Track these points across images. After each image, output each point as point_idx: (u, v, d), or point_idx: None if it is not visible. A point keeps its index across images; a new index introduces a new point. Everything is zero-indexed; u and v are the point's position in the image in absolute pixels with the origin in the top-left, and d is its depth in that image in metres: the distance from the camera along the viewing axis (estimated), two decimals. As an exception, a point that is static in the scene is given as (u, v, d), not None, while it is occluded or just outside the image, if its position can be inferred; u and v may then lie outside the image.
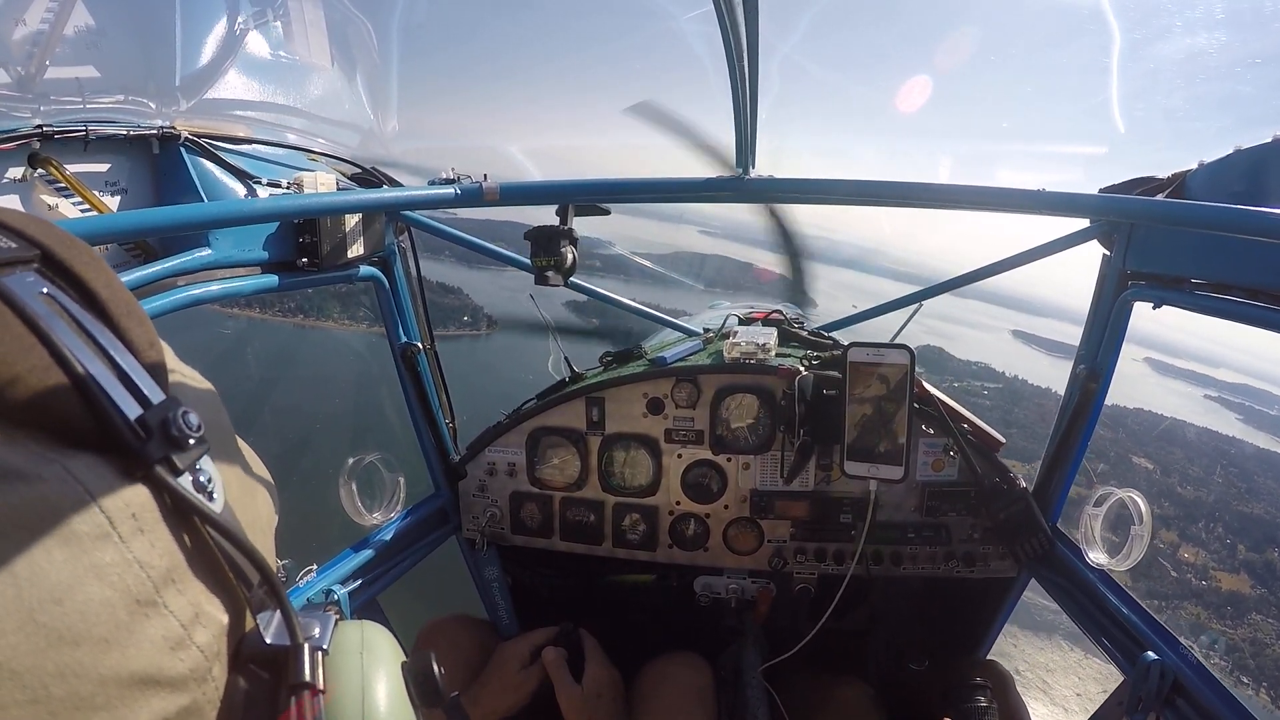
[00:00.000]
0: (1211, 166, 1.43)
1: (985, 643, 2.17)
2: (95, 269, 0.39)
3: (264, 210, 1.32)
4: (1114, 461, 39.18)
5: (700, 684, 1.76)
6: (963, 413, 1.92)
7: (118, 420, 0.34)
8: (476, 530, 2.15)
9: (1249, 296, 1.30)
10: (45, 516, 0.30)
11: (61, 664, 0.29)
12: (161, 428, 0.36)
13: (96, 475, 0.33)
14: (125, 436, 0.35)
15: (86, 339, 0.36)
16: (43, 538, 0.30)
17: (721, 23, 1.33)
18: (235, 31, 1.47)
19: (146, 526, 0.35)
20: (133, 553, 0.33)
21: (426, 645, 1.93)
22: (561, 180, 1.66)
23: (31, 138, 1.13)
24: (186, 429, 0.37)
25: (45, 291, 0.36)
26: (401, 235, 1.94)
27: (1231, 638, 30.35)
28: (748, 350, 1.96)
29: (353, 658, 0.52)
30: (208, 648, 0.38)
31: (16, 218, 0.38)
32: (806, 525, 2.00)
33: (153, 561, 0.34)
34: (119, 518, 0.33)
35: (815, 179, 1.51)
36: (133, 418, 0.35)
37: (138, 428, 0.35)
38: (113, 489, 0.33)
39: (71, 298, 0.37)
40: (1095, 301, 1.76)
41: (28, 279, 0.35)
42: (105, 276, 0.40)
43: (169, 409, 0.37)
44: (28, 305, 0.33)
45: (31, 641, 0.28)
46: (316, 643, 0.45)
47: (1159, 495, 37.49)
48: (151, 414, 0.36)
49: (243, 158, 1.48)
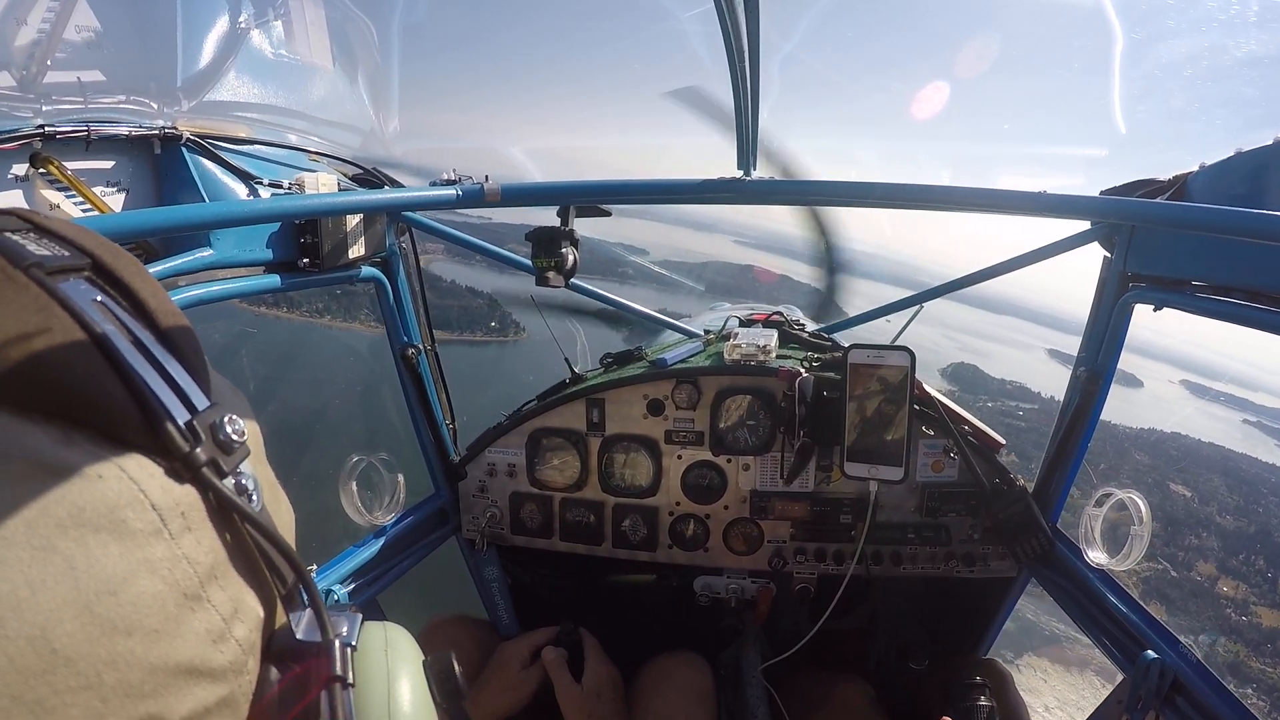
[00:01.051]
0: (1212, 169, 1.43)
1: (985, 642, 2.18)
2: (142, 278, 0.41)
3: (265, 211, 1.32)
4: (1149, 489, 37.12)
5: (701, 683, 1.77)
6: (962, 414, 1.92)
7: (169, 425, 0.36)
8: (476, 531, 2.15)
9: (1250, 299, 1.30)
10: (103, 513, 0.32)
11: (114, 652, 0.31)
12: (209, 432, 0.38)
13: (149, 475, 0.35)
14: (176, 440, 0.36)
15: (139, 346, 0.37)
16: (100, 533, 0.32)
17: (722, 23, 1.33)
18: (237, 31, 1.48)
19: (194, 525, 0.36)
20: (181, 549, 0.35)
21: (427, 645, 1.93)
22: (562, 181, 1.66)
23: (33, 137, 1.13)
24: (233, 434, 0.39)
25: (99, 299, 0.37)
26: (402, 236, 1.94)
27: (1271, 677, 28.65)
28: (748, 352, 1.96)
29: (378, 655, 0.54)
30: (245, 640, 0.39)
31: (66, 226, 0.40)
32: (806, 526, 2.01)
33: (199, 558, 0.36)
34: (170, 516, 0.35)
35: (815, 180, 1.52)
36: (183, 423, 0.37)
37: (188, 432, 0.37)
38: (164, 489, 0.35)
39: (122, 306, 0.39)
40: (1096, 303, 1.77)
41: (81, 287, 0.37)
42: (151, 286, 0.41)
43: (215, 415, 0.39)
44: (86, 312, 0.35)
45: (87, 630, 0.30)
46: (346, 639, 0.46)
47: (1196, 525, 35.36)
48: (200, 419, 0.38)
49: (244, 158, 1.49)
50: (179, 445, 0.36)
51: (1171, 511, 35.20)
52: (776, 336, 2.06)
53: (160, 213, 1.12)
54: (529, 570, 2.34)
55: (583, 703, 1.65)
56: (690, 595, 2.15)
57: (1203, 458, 44.16)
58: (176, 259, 1.28)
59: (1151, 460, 41.68)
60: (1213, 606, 31.02)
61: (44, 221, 0.39)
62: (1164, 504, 35.51)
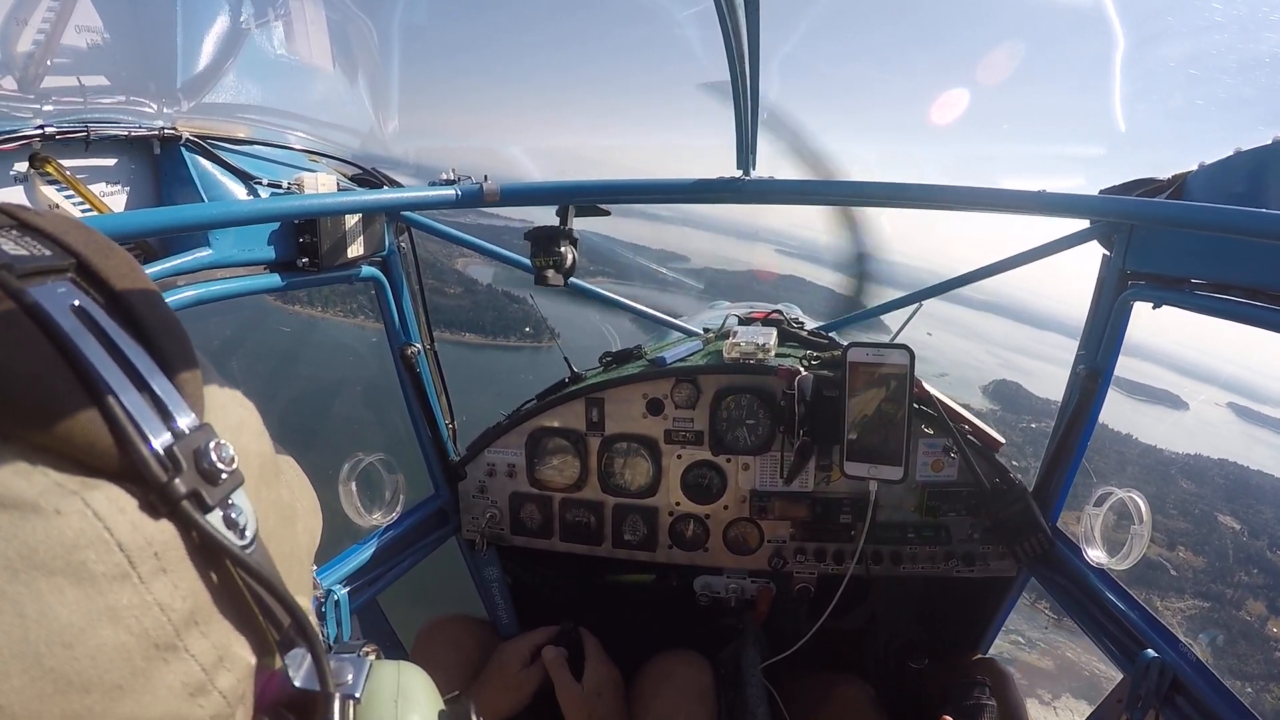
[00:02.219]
0: (1211, 168, 1.43)
1: (985, 641, 2.18)
2: (132, 280, 0.37)
3: (264, 211, 1.32)
4: (1197, 520, 33.85)
5: (701, 682, 1.77)
6: (963, 413, 1.92)
7: (144, 451, 0.32)
8: (476, 531, 2.15)
9: (1248, 297, 1.30)
10: (58, 554, 0.28)
11: (69, 711, 0.28)
12: (192, 459, 0.34)
13: (118, 510, 0.31)
14: (152, 468, 0.32)
15: (117, 358, 0.33)
16: (55, 576, 0.28)
17: (722, 23, 1.33)
18: (236, 32, 1.48)
19: (170, 565, 0.33)
20: (153, 594, 0.32)
21: (427, 644, 1.94)
22: (561, 181, 1.66)
23: (33, 138, 1.13)
24: (219, 461, 0.35)
25: (77, 304, 0.33)
26: (401, 236, 1.94)
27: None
28: (747, 350, 1.96)
29: (386, 706, 0.50)
30: (231, 692, 0.36)
31: (55, 222, 0.36)
32: (806, 525, 2.00)
33: (174, 603, 0.33)
34: (139, 557, 0.31)
35: (815, 180, 1.52)
36: (161, 448, 0.33)
37: (166, 459, 0.33)
38: (135, 525, 0.31)
39: (105, 312, 0.35)
40: (1095, 302, 1.77)
41: (59, 290, 0.33)
42: (142, 288, 0.37)
43: (201, 439, 0.35)
44: (55, 320, 0.31)
45: (37, 686, 0.27)
46: (349, 690, 0.43)
47: (1245, 561, 32.17)
48: (182, 444, 0.34)
49: (243, 158, 1.49)
50: (155, 474, 0.32)
51: (1219, 545, 32.52)
52: (775, 335, 2.06)
53: (159, 213, 1.12)
54: (529, 570, 2.34)
55: (583, 702, 1.65)
56: (690, 595, 2.15)
57: (1252, 487, 39.57)
58: (175, 259, 1.29)
59: (1197, 489, 38.24)
60: (1262, 649, 28.44)
61: (30, 218, 0.35)
62: (1211, 537, 32.92)
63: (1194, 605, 29.10)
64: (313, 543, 0.52)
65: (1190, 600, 29.86)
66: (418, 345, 1.99)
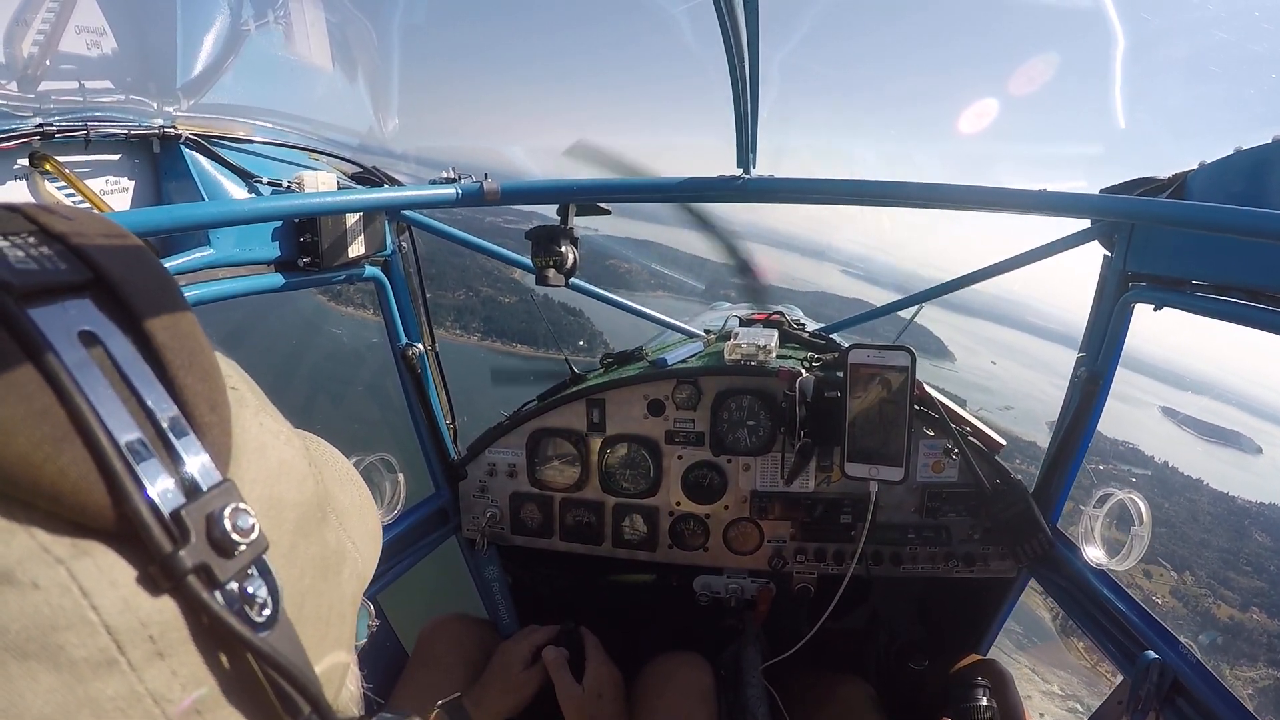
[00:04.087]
0: (1212, 167, 1.43)
1: (985, 642, 2.18)
2: (160, 301, 0.32)
3: (265, 210, 1.32)
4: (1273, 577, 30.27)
5: (702, 683, 1.76)
6: (963, 415, 1.92)
7: (144, 512, 0.27)
8: (477, 530, 2.15)
9: (1250, 298, 1.30)
10: (33, 635, 0.24)
11: None
12: (204, 526, 0.29)
13: (108, 582, 0.26)
14: (154, 535, 0.27)
15: (128, 398, 0.29)
16: (28, 660, 0.24)
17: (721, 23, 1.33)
18: (236, 30, 1.47)
19: (168, 649, 0.28)
20: (145, 684, 0.27)
21: (428, 644, 1.93)
22: (562, 180, 1.66)
23: (32, 136, 1.13)
24: (234, 532, 0.30)
25: (87, 331, 0.28)
26: (402, 235, 1.94)
27: None
28: (748, 352, 1.96)
29: None
30: None
31: (79, 227, 0.31)
32: (807, 526, 2.00)
33: (171, 694, 0.28)
34: (131, 640, 0.27)
35: (815, 179, 1.51)
36: (168, 510, 0.28)
37: (172, 524, 0.28)
38: (127, 602, 0.27)
39: (126, 339, 0.30)
40: (1096, 303, 1.76)
41: (68, 312, 0.28)
42: (169, 312, 0.32)
43: (218, 502, 0.30)
44: (52, 352, 0.27)
45: None
46: None
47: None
48: (194, 507, 0.29)
49: (243, 156, 1.48)
50: (157, 542, 0.27)
51: (1277, 610, 29.69)
52: (777, 336, 2.06)
53: (159, 212, 1.12)
54: (529, 569, 2.34)
55: (584, 703, 1.65)
56: (690, 595, 2.15)
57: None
58: (176, 259, 1.28)
59: (1274, 543, 35.39)
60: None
61: (50, 223, 0.30)
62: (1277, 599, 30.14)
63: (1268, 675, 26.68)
64: (361, 582, 0.46)
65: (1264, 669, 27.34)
66: (419, 345, 1.99)
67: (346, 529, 0.45)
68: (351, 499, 0.50)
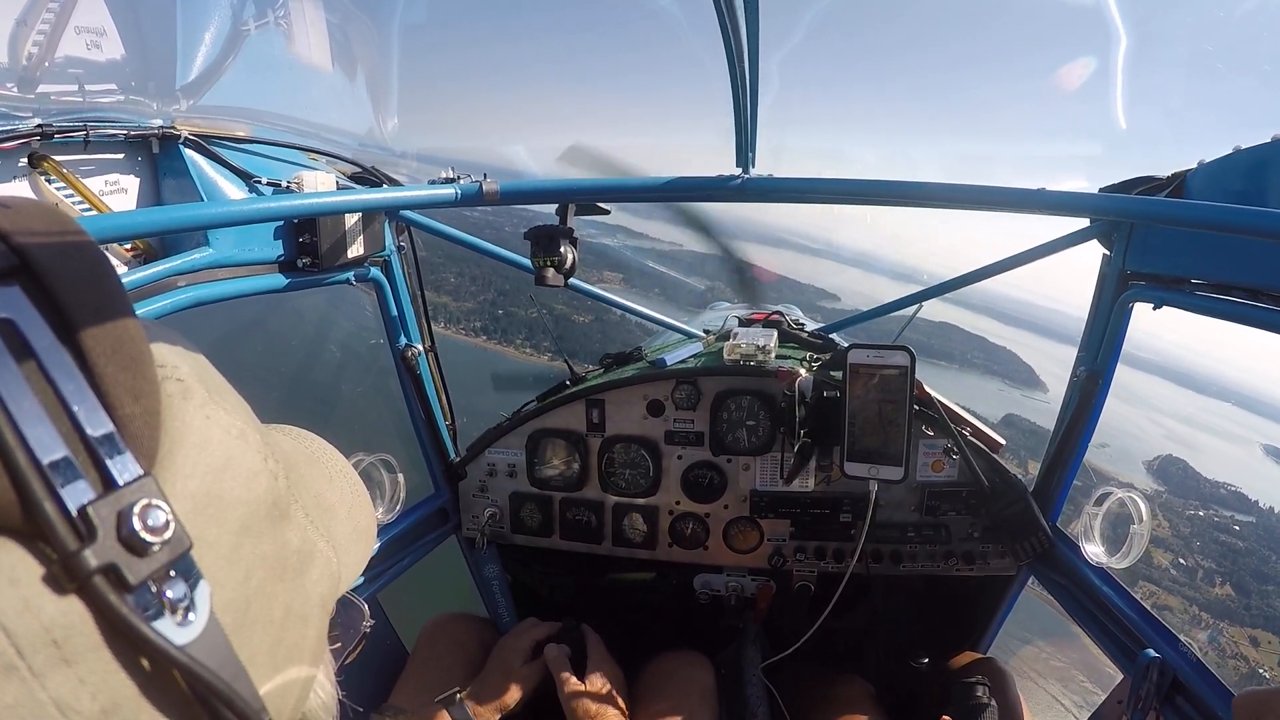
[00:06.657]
0: (1211, 166, 1.43)
1: (985, 640, 2.18)
2: (88, 288, 0.30)
3: (264, 210, 1.32)
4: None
5: (703, 681, 1.77)
6: (963, 414, 1.92)
7: (50, 509, 0.25)
8: (476, 529, 2.16)
9: (1249, 297, 1.30)
10: None
11: None
12: (115, 522, 0.27)
13: (8, 582, 0.25)
14: (58, 531, 0.25)
15: (43, 388, 0.27)
16: None
17: (721, 23, 1.33)
18: (236, 30, 1.47)
19: (75, 655, 0.26)
20: (47, 691, 0.25)
21: (429, 643, 1.93)
22: (561, 180, 1.66)
23: (31, 137, 1.13)
24: (144, 530, 0.27)
25: (5, 318, 0.27)
26: (401, 235, 1.94)
27: None
28: (748, 352, 1.96)
29: None
30: None
31: (13, 215, 0.30)
32: (806, 524, 2.01)
33: (78, 703, 0.25)
34: (31, 644, 0.24)
35: (815, 179, 1.51)
36: (75, 505, 0.26)
37: (79, 521, 0.26)
38: (28, 604, 0.25)
39: (49, 328, 0.28)
40: (1095, 303, 1.76)
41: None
42: (99, 301, 0.30)
43: (129, 497, 0.28)
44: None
45: None
46: None
47: None
48: (103, 504, 0.27)
49: (243, 156, 1.48)
50: (61, 539, 0.25)
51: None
52: (776, 336, 2.06)
53: (159, 212, 1.12)
54: (529, 568, 2.34)
55: (584, 700, 1.65)
56: (690, 593, 2.15)
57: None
58: (175, 259, 1.28)
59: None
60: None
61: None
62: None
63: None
64: (336, 582, 0.43)
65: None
66: (418, 346, 1.99)
67: (322, 527, 0.43)
68: (340, 496, 0.48)
